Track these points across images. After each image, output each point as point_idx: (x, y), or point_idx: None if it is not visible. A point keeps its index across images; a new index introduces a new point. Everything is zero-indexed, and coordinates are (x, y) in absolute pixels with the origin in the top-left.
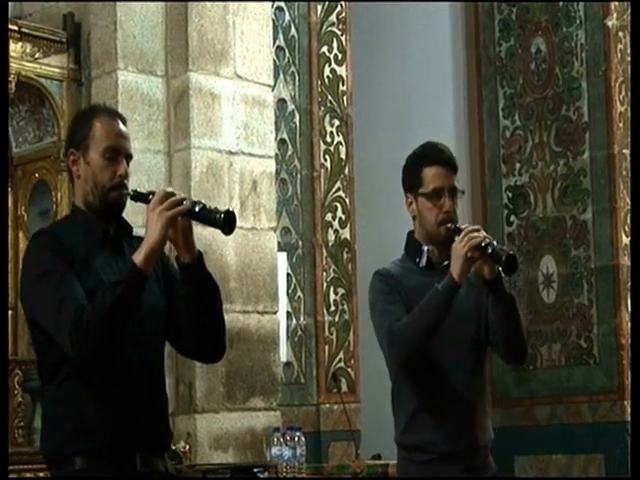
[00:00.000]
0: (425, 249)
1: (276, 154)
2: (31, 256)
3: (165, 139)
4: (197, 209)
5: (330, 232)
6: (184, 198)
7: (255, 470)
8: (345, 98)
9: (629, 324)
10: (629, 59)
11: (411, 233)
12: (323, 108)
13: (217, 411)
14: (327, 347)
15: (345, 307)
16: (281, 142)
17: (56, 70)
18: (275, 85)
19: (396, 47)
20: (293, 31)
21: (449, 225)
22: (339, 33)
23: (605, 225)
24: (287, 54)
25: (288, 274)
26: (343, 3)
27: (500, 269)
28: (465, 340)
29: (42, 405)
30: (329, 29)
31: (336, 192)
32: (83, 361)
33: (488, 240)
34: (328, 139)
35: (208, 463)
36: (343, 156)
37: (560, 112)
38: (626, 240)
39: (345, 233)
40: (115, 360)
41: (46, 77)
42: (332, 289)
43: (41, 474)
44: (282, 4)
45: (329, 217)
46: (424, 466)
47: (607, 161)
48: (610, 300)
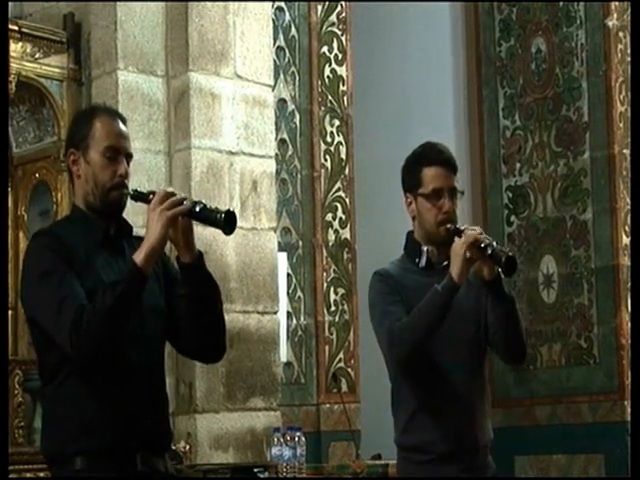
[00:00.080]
0: (424, 249)
1: (276, 154)
2: (31, 256)
3: (165, 139)
4: (197, 209)
5: (330, 232)
6: (184, 198)
7: (255, 470)
8: (345, 98)
9: (629, 324)
10: (629, 59)
11: (410, 233)
12: (323, 108)
13: (217, 411)
14: (327, 347)
15: (345, 307)
16: (281, 142)
17: (56, 70)
18: (275, 85)
19: (396, 47)
20: (293, 31)
21: (448, 225)
22: (339, 33)
23: (605, 225)
24: (287, 54)
25: (288, 274)
26: (343, 3)
27: (499, 270)
28: (465, 340)
29: (42, 405)
30: (329, 29)
31: (336, 192)
32: (83, 361)
33: (488, 241)
34: (328, 139)
35: (208, 463)
36: (343, 156)
37: (560, 112)
38: (626, 240)
39: (345, 233)
40: (115, 360)
41: (46, 77)
42: (332, 289)
43: (41, 474)
44: (282, 4)
45: (329, 217)
46: (424, 466)
47: (607, 161)
48: (610, 300)
